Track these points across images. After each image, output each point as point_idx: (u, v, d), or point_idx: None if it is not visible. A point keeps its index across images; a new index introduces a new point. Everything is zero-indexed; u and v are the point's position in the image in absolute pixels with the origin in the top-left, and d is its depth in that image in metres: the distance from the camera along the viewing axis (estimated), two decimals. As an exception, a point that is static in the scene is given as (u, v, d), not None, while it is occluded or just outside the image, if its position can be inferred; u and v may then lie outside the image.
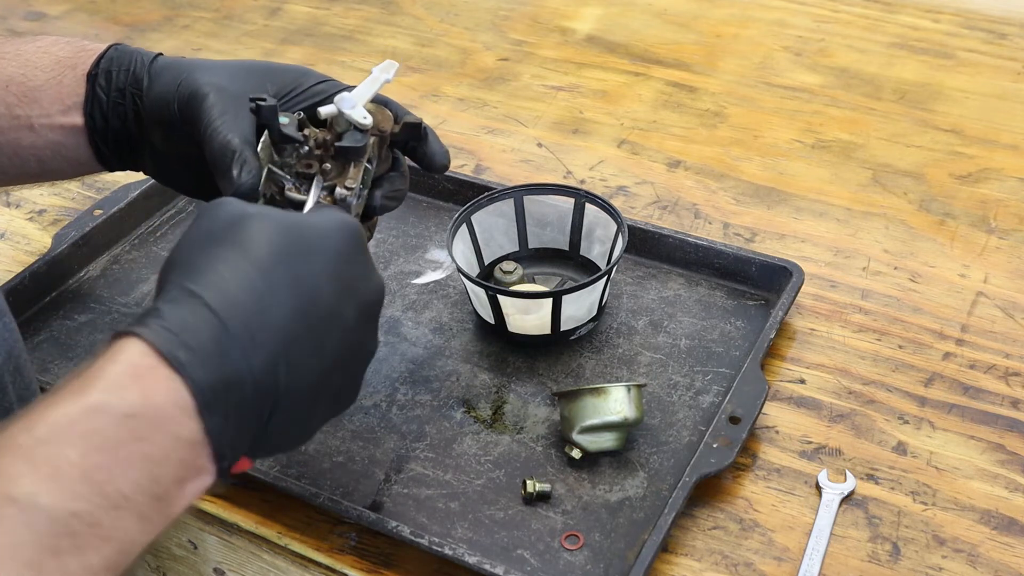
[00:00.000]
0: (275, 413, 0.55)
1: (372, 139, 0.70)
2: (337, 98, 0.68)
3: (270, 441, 0.56)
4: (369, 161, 0.70)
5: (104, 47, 0.75)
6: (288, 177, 0.68)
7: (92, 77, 0.74)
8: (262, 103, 0.68)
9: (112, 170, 0.78)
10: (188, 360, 0.50)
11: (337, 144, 0.68)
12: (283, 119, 0.69)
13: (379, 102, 0.73)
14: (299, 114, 0.70)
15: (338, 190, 0.67)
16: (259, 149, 0.67)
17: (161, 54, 0.75)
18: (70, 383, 0.49)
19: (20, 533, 0.44)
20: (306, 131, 0.69)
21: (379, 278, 0.61)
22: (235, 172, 0.65)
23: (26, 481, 0.45)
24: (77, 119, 0.74)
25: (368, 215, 0.73)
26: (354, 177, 0.68)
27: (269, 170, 0.67)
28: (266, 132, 0.68)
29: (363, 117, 0.68)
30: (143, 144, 0.75)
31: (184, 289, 0.53)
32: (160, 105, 0.72)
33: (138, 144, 0.75)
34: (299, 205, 0.67)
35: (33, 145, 0.74)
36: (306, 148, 0.68)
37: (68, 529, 0.45)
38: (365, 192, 0.71)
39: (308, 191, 0.67)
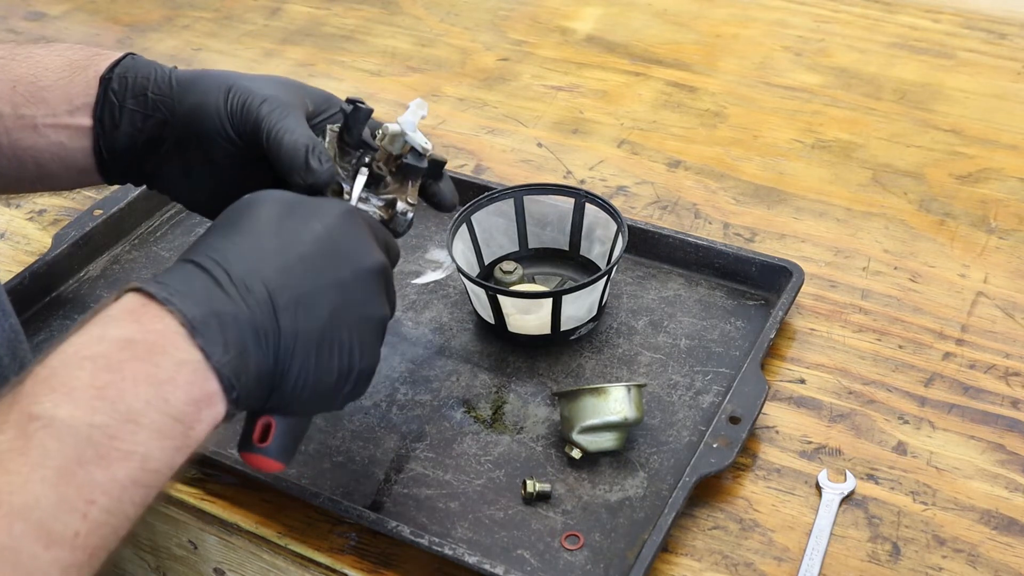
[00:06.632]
0: (282, 356, 0.58)
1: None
2: (401, 120, 0.70)
3: (291, 393, 0.60)
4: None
5: (120, 54, 0.75)
6: (348, 182, 0.70)
7: (105, 80, 0.73)
8: (361, 104, 0.70)
9: (111, 182, 0.76)
10: (179, 301, 0.55)
11: (404, 161, 0.71)
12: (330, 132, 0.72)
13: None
14: (336, 129, 0.72)
15: (400, 204, 0.70)
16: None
17: (176, 67, 0.75)
18: (75, 328, 0.55)
19: (46, 444, 0.49)
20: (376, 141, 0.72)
21: (379, 255, 0.64)
22: (315, 163, 0.67)
23: (45, 400, 0.50)
24: (84, 120, 0.73)
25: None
26: (413, 194, 0.71)
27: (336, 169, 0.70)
28: (330, 137, 0.71)
29: (425, 142, 0.71)
30: (155, 153, 0.74)
31: (179, 261, 0.59)
32: (199, 115, 0.71)
33: (148, 153, 0.74)
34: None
35: (34, 146, 0.73)
36: (368, 158, 0.71)
37: (89, 440, 0.50)
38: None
39: (366, 199, 0.70)
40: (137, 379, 0.52)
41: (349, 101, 0.71)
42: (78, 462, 0.49)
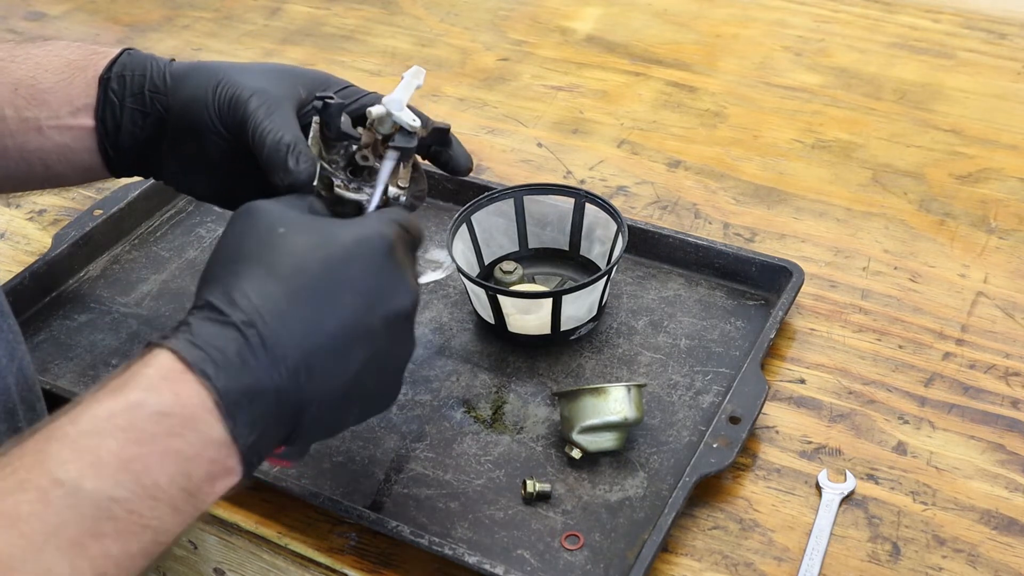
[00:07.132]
0: (303, 417, 0.57)
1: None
2: (386, 100, 0.69)
3: (303, 439, 0.59)
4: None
5: (117, 51, 0.74)
6: (336, 174, 0.69)
7: (104, 81, 0.72)
8: (330, 100, 0.69)
9: (119, 176, 0.76)
10: (213, 372, 0.54)
11: (391, 144, 0.69)
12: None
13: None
14: (319, 122, 0.71)
15: (391, 189, 0.69)
16: (308, 144, 0.69)
17: (174, 59, 0.75)
18: (109, 383, 0.53)
19: (65, 514, 0.48)
20: (359, 129, 0.70)
21: (412, 287, 0.62)
22: (292, 163, 0.66)
23: (71, 466, 0.49)
24: (87, 121, 0.73)
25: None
26: (404, 177, 0.70)
27: (320, 166, 0.68)
28: (314, 130, 0.69)
29: (412, 119, 0.70)
30: (158, 149, 0.74)
31: (213, 307, 0.56)
32: (191, 109, 0.71)
33: (151, 150, 0.74)
34: (347, 202, 0.68)
35: (40, 148, 0.73)
36: (354, 147, 0.70)
37: (109, 514, 0.49)
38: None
39: (359, 188, 0.68)
40: (166, 454, 0.51)
41: (318, 98, 0.70)
42: (95, 535, 0.49)
